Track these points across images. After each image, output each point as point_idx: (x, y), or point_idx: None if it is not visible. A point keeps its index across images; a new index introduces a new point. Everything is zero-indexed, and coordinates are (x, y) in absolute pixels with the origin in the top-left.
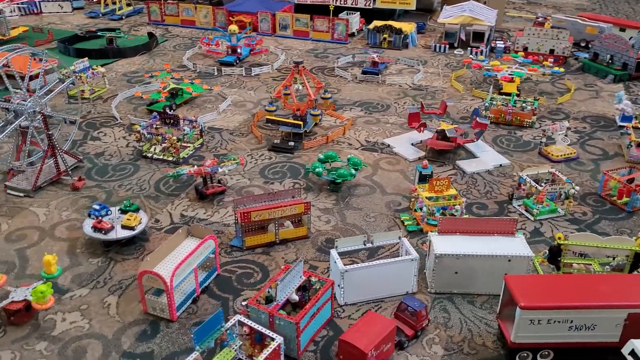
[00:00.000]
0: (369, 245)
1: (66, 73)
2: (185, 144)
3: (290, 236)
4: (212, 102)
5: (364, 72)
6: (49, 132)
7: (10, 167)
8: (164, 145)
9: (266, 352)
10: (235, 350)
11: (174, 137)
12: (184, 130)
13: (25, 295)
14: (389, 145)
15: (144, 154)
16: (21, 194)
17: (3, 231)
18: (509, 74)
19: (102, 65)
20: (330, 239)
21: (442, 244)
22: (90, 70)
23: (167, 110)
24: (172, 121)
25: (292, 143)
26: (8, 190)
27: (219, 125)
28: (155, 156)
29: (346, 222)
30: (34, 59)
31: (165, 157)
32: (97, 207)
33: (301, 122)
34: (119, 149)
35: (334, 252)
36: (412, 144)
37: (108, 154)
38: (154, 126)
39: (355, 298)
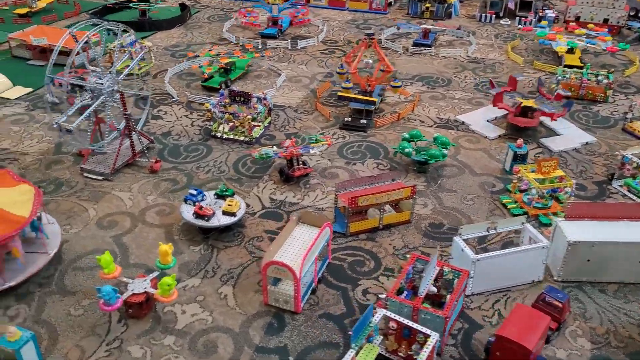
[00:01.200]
0: (492, 231)
1: (113, 47)
2: (256, 123)
3: (394, 221)
4: (266, 78)
5: (415, 44)
6: (127, 112)
7: (80, 149)
8: (231, 124)
9: (426, 350)
10: (378, 346)
11: (249, 116)
12: (257, 108)
13: (145, 287)
14: (463, 122)
15: (212, 134)
16: (99, 177)
17: (92, 217)
18: (567, 44)
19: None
20: (434, 223)
21: (573, 230)
22: (137, 44)
23: (224, 87)
24: (242, 98)
25: (364, 121)
26: (85, 173)
27: (280, 102)
28: (225, 136)
29: (444, 206)
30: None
31: (236, 137)
32: (193, 192)
33: (376, 99)
34: (184, 129)
35: (458, 240)
36: (487, 121)
37: (175, 133)
38: (223, 104)
39: (482, 288)
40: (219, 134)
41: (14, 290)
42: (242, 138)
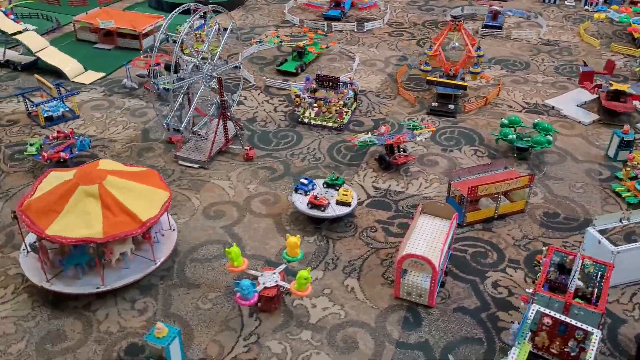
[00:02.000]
0: (625, 222)
1: (178, 31)
2: (344, 109)
3: (508, 210)
4: (339, 61)
5: (485, 27)
6: (224, 98)
7: (171, 137)
8: (316, 109)
9: (593, 348)
10: (529, 343)
11: (340, 102)
12: (348, 93)
13: (276, 281)
14: (553, 107)
15: (299, 120)
16: (195, 165)
17: (197, 207)
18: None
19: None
20: (548, 213)
21: None
22: (206, 28)
23: (299, 71)
24: (331, 83)
25: (452, 106)
26: (180, 161)
27: (360, 87)
28: (312, 122)
29: (555, 194)
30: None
31: (325, 123)
32: (304, 181)
33: (467, 84)
34: (268, 114)
35: (592, 231)
36: (577, 105)
37: (260, 119)
38: (310, 89)
39: (619, 280)
40: (306, 120)
41: (137, 283)
42: (330, 124)
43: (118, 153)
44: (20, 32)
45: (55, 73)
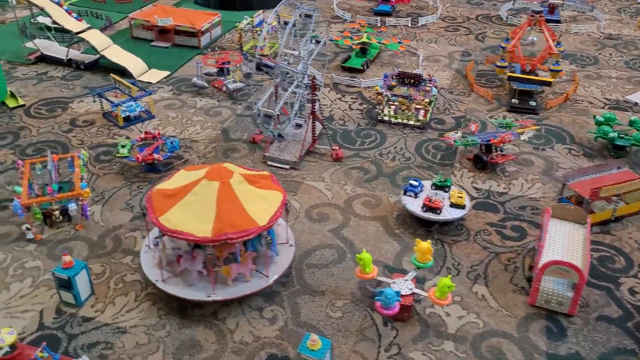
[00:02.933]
0: None
1: (243, 27)
2: (421, 106)
3: (625, 213)
4: (402, 58)
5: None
6: (315, 97)
7: (254, 136)
8: (394, 106)
9: None
10: None
11: (426, 99)
12: (431, 90)
13: (411, 289)
14: (636, 103)
15: (379, 118)
16: (286, 166)
17: (299, 209)
18: None
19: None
20: None
21: None
22: (266, 24)
23: (365, 68)
24: (413, 81)
25: (533, 103)
26: (269, 162)
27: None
28: (393, 120)
29: None
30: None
31: (406, 121)
32: (414, 183)
33: (551, 80)
34: (344, 112)
35: None
36: None
37: (339, 118)
38: (389, 86)
39: None
40: (385, 118)
41: (258, 290)
42: (412, 122)
43: (203, 154)
44: (84, 31)
45: (119, 71)
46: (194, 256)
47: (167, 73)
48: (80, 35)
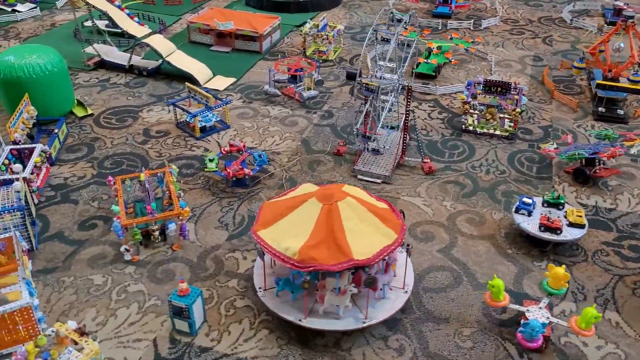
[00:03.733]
0: None
1: (307, 31)
2: (514, 116)
3: None
4: (472, 63)
5: (609, 24)
6: (409, 108)
7: (339, 148)
8: (475, 115)
9: None
10: None
11: (517, 109)
12: (521, 98)
13: (548, 318)
14: None
15: (464, 128)
16: (377, 180)
17: None
18: None
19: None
20: None
21: None
22: (329, 28)
23: (437, 74)
24: (500, 89)
25: (621, 111)
26: (359, 175)
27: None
28: (479, 130)
29: None
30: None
31: (492, 131)
32: (528, 200)
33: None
34: (425, 122)
35: None
36: None
37: (421, 128)
38: (474, 95)
39: None
40: (470, 128)
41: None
42: (498, 132)
43: (289, 167)
44: (147, 36)
45: (182, 78)
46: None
47: (233, 80)
48: (145, 40)
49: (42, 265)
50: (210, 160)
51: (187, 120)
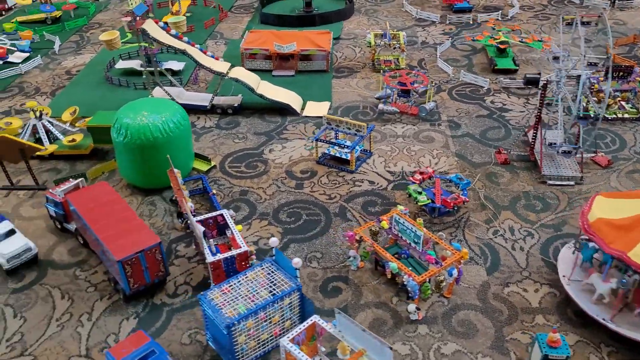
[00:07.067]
0: None
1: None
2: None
3: None
4: (537, 52)
5: None
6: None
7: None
8: (594, 100)
9: None
10: None
11: None
12: None
13: None
14: None
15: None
16: (571, 182)
17: None
18: None
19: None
20: None
21: None
22: (394, 37)
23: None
24: (621, 73)
25: None
26: (549, 181)
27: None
28: (608, 116)
29: None
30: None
31: (621, 115)
32: None
33: None
34: (549, 116)
35: None
36: None
37: (550, 122)
38: (595, 81)
39: None
40: (608, 116)
41: None
42: (627, 115)
43: (473, 184)
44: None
45: (270, 110)
46: None
47: (328, 104)
48: (230, 75)
49: None
50: (419, 194)
51: (336, 154)
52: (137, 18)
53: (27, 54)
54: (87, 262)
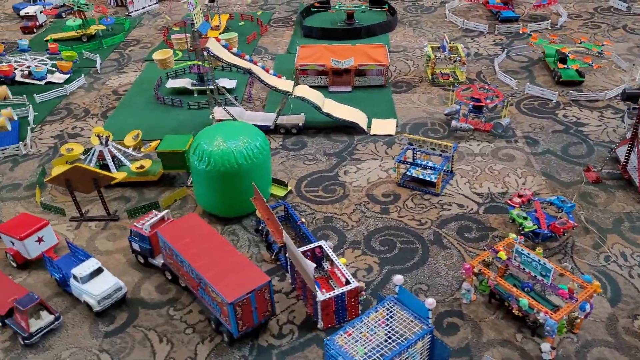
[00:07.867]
0: None
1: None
2: None
3: None
4: (594, 61)
5: None
6: None
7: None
8: None
9: None
10: None
11: None
12: None
13: None
14: None
15: None
16: None
17: None
18: None
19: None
20: None
21: None
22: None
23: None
24: None
25: None
26: None
27: None
28: None
29: None
30: None
31: None
32: None
33: None
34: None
35: None
36: None
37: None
38: None
39: None
40: None
41: None
42: None
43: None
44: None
45: (333, 129)
46: None
47: (394, 121)
48: (297, 94)
49: None
50: (524, 219)
51: (419, 176)
52: (202, 36)
53: (68, 75)
54: (178, 300)
